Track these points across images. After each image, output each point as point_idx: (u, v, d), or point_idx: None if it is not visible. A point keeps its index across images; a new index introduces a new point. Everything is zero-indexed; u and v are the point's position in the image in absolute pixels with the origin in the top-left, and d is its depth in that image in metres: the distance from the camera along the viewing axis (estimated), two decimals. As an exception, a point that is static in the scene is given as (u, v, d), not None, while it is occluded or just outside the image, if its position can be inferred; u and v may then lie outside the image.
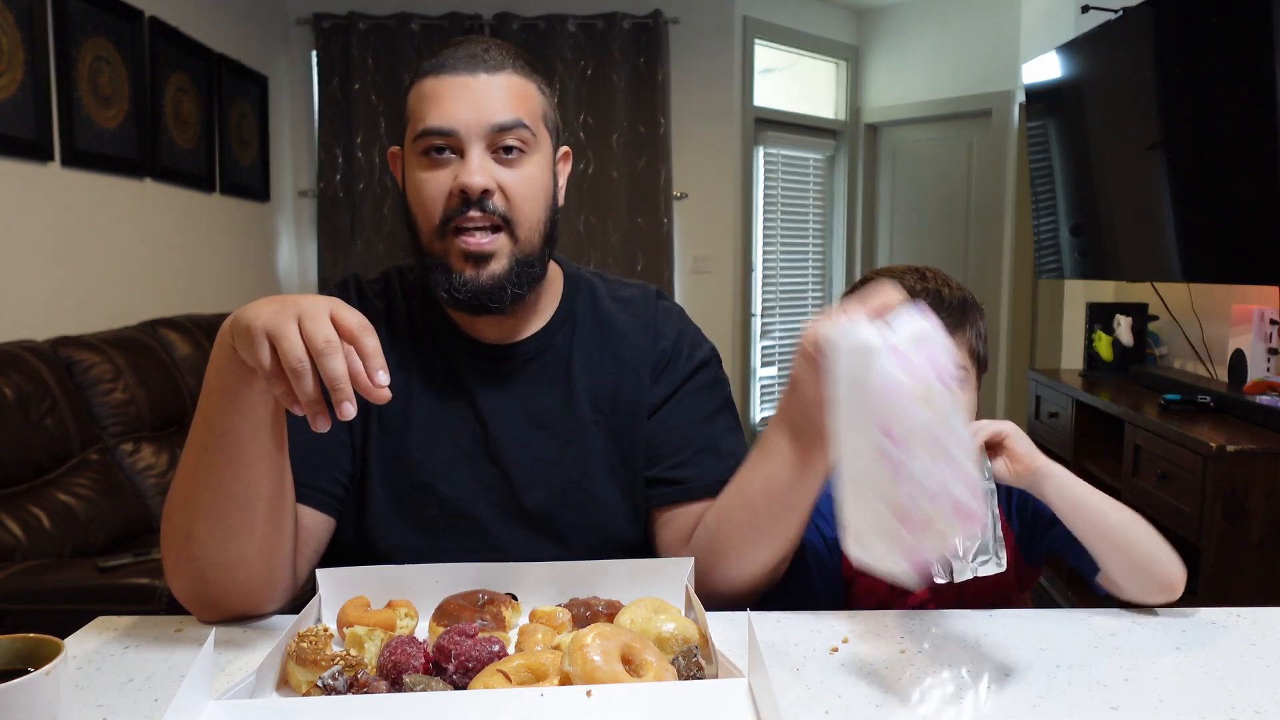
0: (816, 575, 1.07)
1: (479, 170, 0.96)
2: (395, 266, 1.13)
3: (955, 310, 1.03)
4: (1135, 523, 0.95)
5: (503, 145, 0.97)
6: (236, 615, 0.93)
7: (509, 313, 1.03)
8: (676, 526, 1.06)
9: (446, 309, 1.07)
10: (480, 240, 0.97)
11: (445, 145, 0.97)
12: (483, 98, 0.97)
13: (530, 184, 0.99)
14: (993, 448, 0.97)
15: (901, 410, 0.71)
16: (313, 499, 0.99)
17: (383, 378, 0.77)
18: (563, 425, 1.06)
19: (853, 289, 1.08)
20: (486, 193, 0.96)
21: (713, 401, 1.11)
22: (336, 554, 1.04)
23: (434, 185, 0.97)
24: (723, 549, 0.97)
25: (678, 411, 1.09)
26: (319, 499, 1.00)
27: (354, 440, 1.03)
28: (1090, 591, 1.01)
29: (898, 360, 0.71)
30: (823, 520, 1.08)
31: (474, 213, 0.96)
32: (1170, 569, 0.93)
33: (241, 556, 0.89)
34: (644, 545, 1.10)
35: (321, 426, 0.77)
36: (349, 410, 0.75)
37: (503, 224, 0.98)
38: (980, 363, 1.05)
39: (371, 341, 0.77)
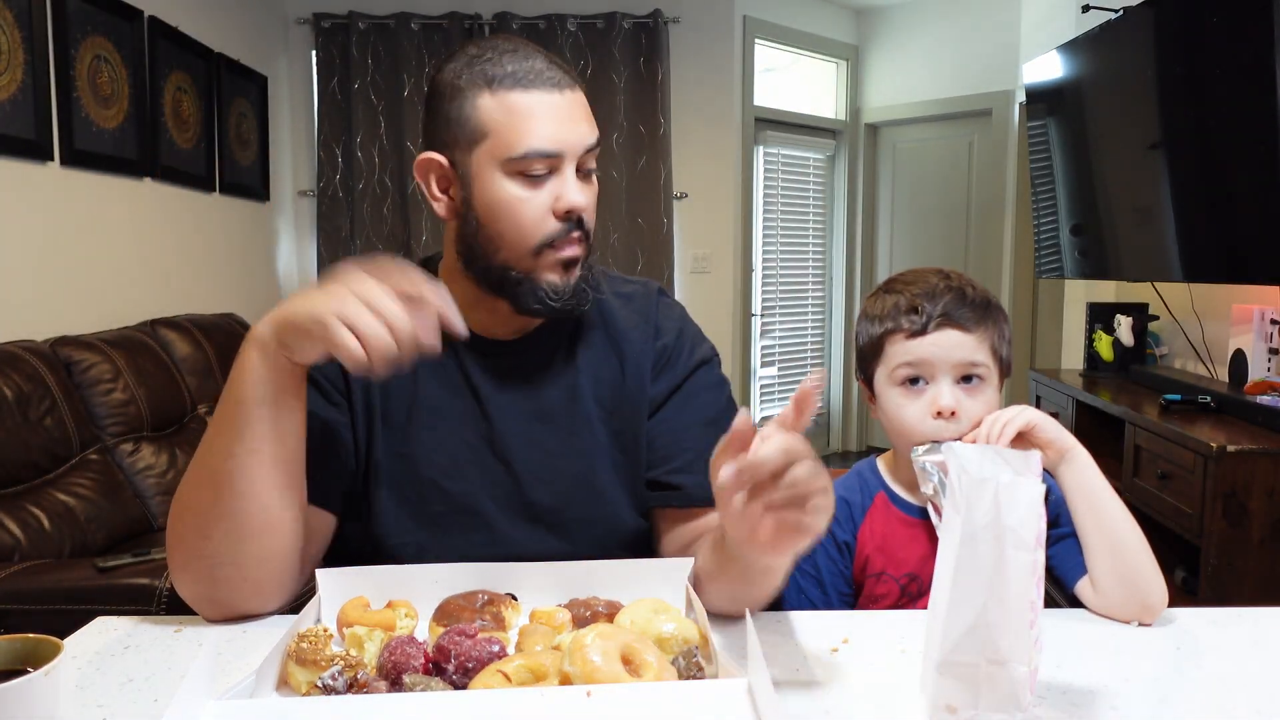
0: (827, 577, 1.07)
1: (580, 190, 0.98)
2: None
3: (979, 307, 1.02)
4: (1137, 533, 0.94)
5: (586, 165, 1.00)
6: (243, 614, 0.93)
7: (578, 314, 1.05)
8: (675, 531, 1.07)
9: (465, 309, 1.06)
10: (575, 248, 1.00)
11: (545, 165, 0.97)
12: (574, 117, 0.98)
13: (596, 198, 1.03)
14: (1019, 437, 0.97)
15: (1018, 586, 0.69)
16: (315, 497, 0.99)
17: (457, 323, 0.85)
18: (567, 420, 1.06)
19: (876, 292, 1.08)
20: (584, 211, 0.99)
21: (714, 405, 1.10)
22: (341, 551, 1.04)
23: (535, 206, 0.97)
24: (706, 591, 0.94)
25: (680, 413, 1.08)
26: (322, 497, 1.00)
27: (357, 437, 1.04)
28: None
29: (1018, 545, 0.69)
30: (834, 523, 1.08)
31: (575, 232, 0.99)
32: (1156, 590, 0.92)
33: (258, 557, 0.90)
34: (648, 539, 1.11)
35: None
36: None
37: (584, 239, 1.01)
38: (1003, 364, 1.04)
39: (431, 293, 0.84)
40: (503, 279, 1.00)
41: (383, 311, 0.80)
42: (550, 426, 1.06)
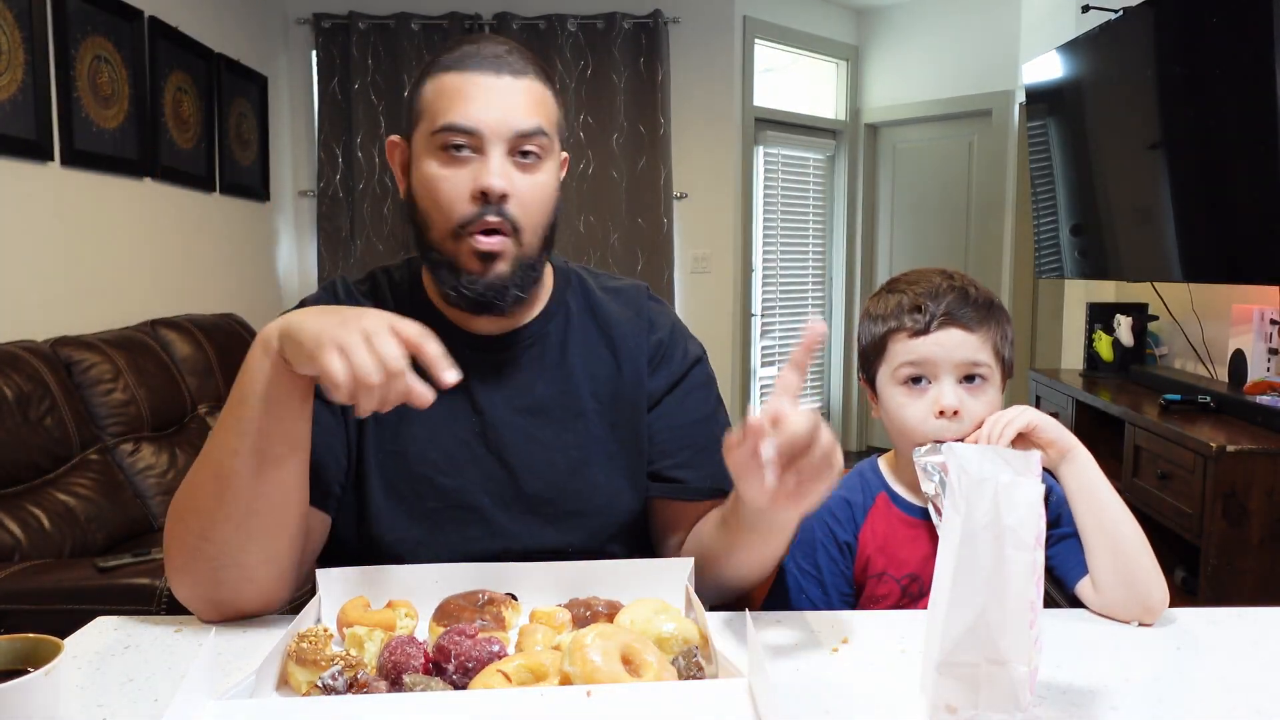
0: (828, 577, 1.07)
1: (500, 173, 0.96)
2: (382, 267, 1.14)
3: (981, 307, 1.02)
4: (1138, 533, 0.94)
5: (521, 150, 0.98)
6: (242, 614, 0.93)
7: (507, 313, 1.04)
8: (675, 522, 1.10)
9: (443, 306, 1.07)
10: (491, 241, 0.98)
11: (465, 144, 0.97)
12: (507, 101, 0.97)
13: (542, 190, 1.01)
14: (1021, 437, 0.97)
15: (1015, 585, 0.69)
16: (313, 498, 0.99)
17: (449, 376, 0.82)
18: (559, 412, 1.07)
19: (879, 292, 1.08)
20: (504, 197, 0.97)
21: (709, 401, 1.14)
22: (337, 551, 1.04)
23: (452, 184, 0.97)
24: (710, 560, 1.00)
25: (679, 409, 1.11)
26: (319, 498, 1.00)
27: (349, 437, 1.04)
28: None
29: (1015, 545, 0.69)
30: (836, 524, 1.08)
31: (491, 217, 0.97)
32: (1157, 590, 0.92)
33: (261, 558, 0.90)
34: (644, 530, 1.12)
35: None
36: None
37: (512, 230, 0.98)
38: (1006, 365, 1.04)
39: (434, 347, 0.82)
40: (433, 262, 1.01)
41: (379, 349, 0.79)
42: (543, 420, 1.07)
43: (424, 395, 0.81)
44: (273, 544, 0.91)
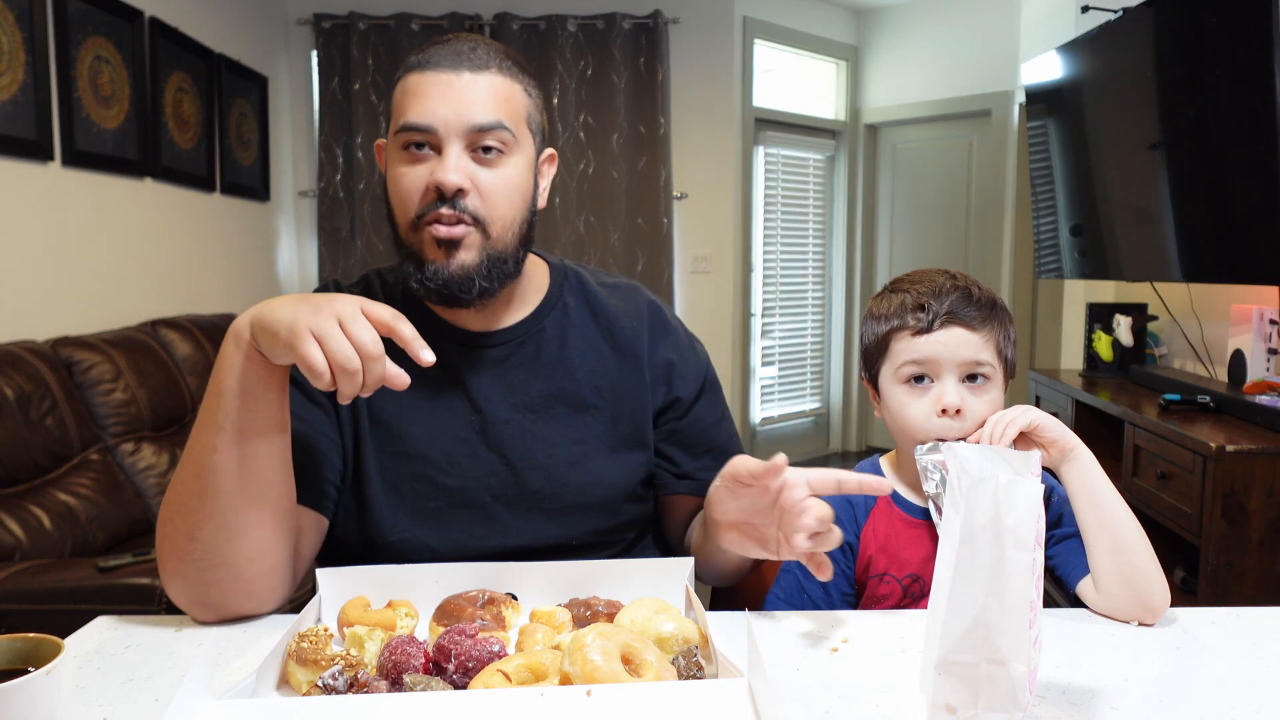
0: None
1: (454, 169, 0.97)
2: (374, 270, 1.15)
3: (984, 307, 1.02)
4: (1139, 533, 0.94)
5: (481, 145, 0.98)
6: (236, 615, 0.93)
7: (478, 306, 1.03)
8: (691, 517, 1.15)
9: (434, 303, 1.07)
10: (451, 228, 0.98)
11: (424, 141, 0.98)
12: (464, 96, 0.97)
13: (507, 184, 1.00)
14: (1022, 436, 0.97)
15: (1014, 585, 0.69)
16: (307, 498, 1.00)
17: (426, 355, 0.84)
18: (560, 407, 1.08)
19: (882, 292, 1.08)
20: (461, 191, 0.97)
21: (721, 399, 1.18)
22: (339, 552, 1.04)
23: (411, 180, 0.98)
24: (708, 555, 1.06)
25: (706, 411, 1.15)
26: (313, 498, 1.00)
27: (344, 438, 1.04)
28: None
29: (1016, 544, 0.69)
30: (837, 523, 1.08)
31: (445, 210, 0.97)
32: (1158, 591, 0.92)
33: (247, 555, 0.90)
34: (646, 522, 1.13)
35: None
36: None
37: (474, 223, 0.99)
38: (1008, 365, 1.04)
39: (407, 329, 0.83)
40: (403, 256, 1.02)
41: (354, 334, 0.79)
42: (543, 415, 1.07)
43: (401, 377, 0.82)
44: (256, 539, 0.90)
